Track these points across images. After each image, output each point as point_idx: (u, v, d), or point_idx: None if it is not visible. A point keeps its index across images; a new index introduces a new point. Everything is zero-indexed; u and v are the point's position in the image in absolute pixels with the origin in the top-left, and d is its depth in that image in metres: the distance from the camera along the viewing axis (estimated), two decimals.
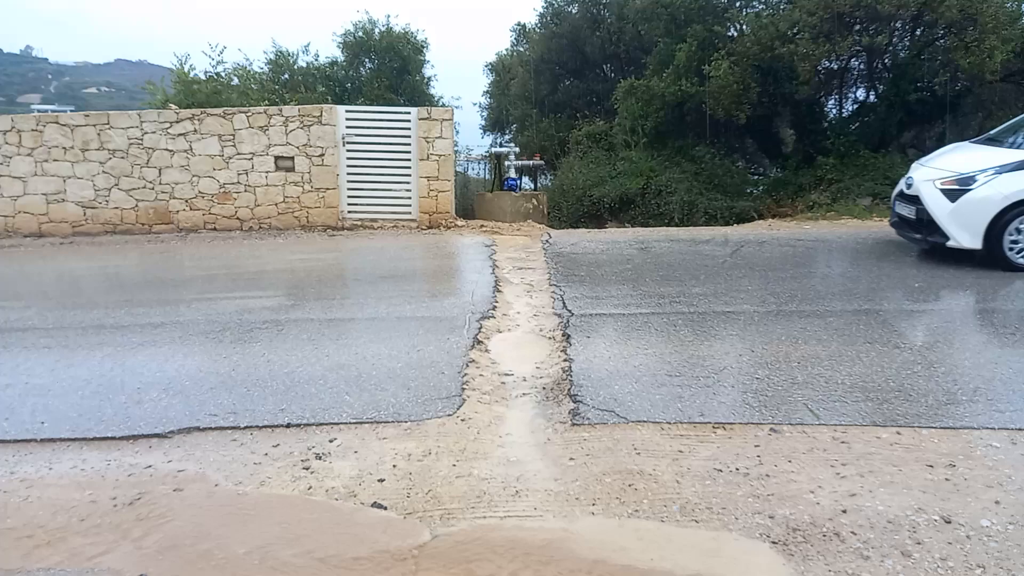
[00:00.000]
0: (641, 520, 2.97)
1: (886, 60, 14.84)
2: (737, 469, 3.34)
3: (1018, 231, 7.08)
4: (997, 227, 7.08)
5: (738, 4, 16.04)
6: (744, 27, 15.36)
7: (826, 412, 3.93)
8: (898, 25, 13.83)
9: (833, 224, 11.17)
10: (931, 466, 3.33)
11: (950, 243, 7.35)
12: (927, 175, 7.84)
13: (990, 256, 7.19)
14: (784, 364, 4.67)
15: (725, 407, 4.05)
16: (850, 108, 16.40)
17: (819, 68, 14.40)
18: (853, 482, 3.20)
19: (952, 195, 7.29)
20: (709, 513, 2.99)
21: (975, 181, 7.23)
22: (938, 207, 7.40)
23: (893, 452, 3.47)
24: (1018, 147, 7.47)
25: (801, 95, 14.35)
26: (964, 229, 7.22)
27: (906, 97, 13.77)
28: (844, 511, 2.97)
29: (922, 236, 7.71)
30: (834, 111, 16.66)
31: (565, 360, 4.89)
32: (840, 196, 12.99)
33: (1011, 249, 7.13)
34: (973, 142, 8.47)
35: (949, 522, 2.87)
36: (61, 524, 3.07)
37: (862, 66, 15.53)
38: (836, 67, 15.27)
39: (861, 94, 16.23)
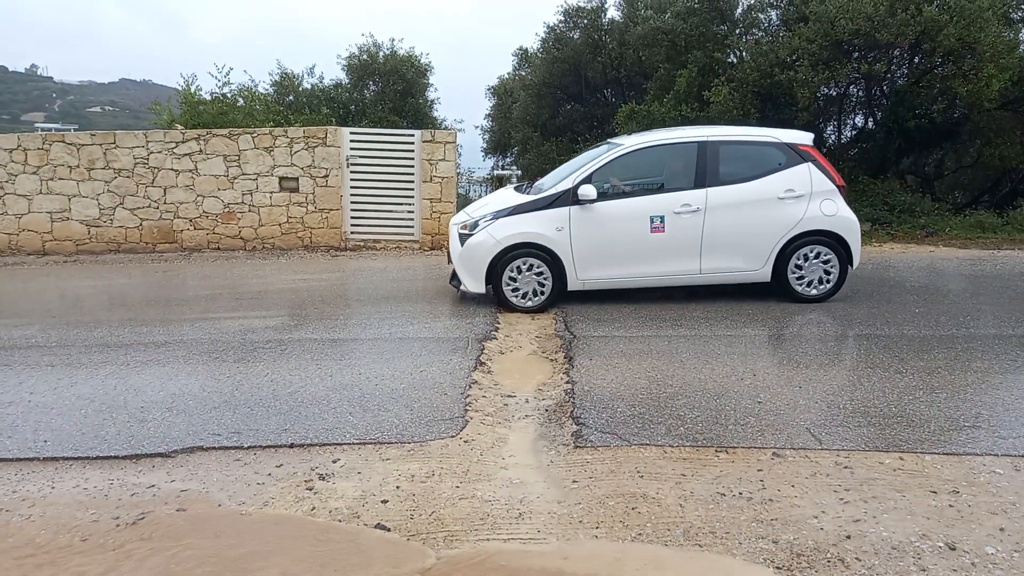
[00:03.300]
0: (644, 544, 2.96)
1: (884, 87, 15.00)
2: (740, 493, 3.34)
3: (512, 279, 7.04)
4: (495, 271, 7.05)
5: (738, 31, 16.24)
6: (744, 54, 15.54)
7: (828, 437, 3.93)
8: (896, 53, 14.00)
9: None
10: (934, 492, 3.33)
11: (462, 287, 7.29)
12: (457, 219, 7.79)
13: (497, 299, 7.17)
14: (786, 388, 4.68)
15: (728, 431, 4.05)
16: (849, 134, 16.55)
17: (818, 95, 14.55)
18: (857, 507, 3.20)
19: (463, 240, 7.21)
20: (713, 538, 2.99)
21: (477, 226, 7.16)
22: (455, 251, 7.34)
23: (896, 478, 3.47)
24: (534, 192, 7.40)
25: (800, 121, 14.45)
26: (469, 273, 7.15)
27: (904, 124, 13.91)
28: (848, 536, 2.96)
29: (452, 279, 7.58)
30: (833, 137, 16.80)
31: (567, 382, 4.90)
32: None
33: (511, 291, 7.08)
34: (514, 187, 8.33)
35: (954, 549, 2.87)
36: (63, 544, 3.06)
37: (861, 93, 15.69)
38: (835, 94, 15.43)
39: (860, 120, 16.40)
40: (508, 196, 7.70)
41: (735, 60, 15.80)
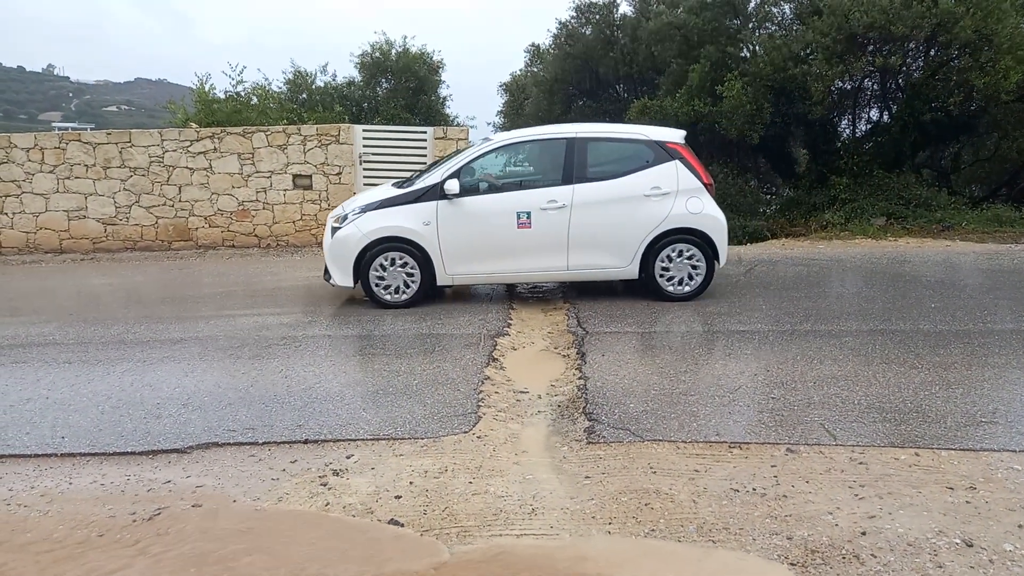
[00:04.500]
0: (658, 540, 2.96)
1: (900, 80, 14.85)
2: (754, 489, 3.32)
3: (381, 267, 7.00)
4: (363, 264, 7.00)
5: (751, 25, 16.14)
6: (757, 48, 15.44)
7: (843, 433, 3.91)
8: (912, 46, 13.86)
9: (847, 244, 11.13)
10: (951, 488, 3.30)
11: (332, 281, 7.21)
12: (333, 212, 7.69)
13: (366, 294, 7.12)
14: (800, 384, 4.66)
15: (741, 427, 4.03)
16: (864, 128, 16.41)
17: (832, 88, 14.44)
18: (872, 503, 3.18)
19: (333, 232, 7.17)
20: (726, 534, 2.98)
21: (347, 219, 7.12)
22: (326, 243, 7.31)
23: (912, 474, 3.45)
24: (406, 186, 7.30)
25: (814, 115, 14.36)
26: (337, 266, 7.10)
27: (920, 117, 13.77)
28: (863, 533, 2.94)
29: (325, 273, 7.42)
30: (848, 131, 16.68)
31: (580, 378, 4.90)
32: (854, 216, 12.98)
33: (377, 286, 7.05)
34: (393, 183, 8.19)
35: (971, 545, 2.84)
36: (80, 539, 3.09)
37: (876, 86, 15.56)
38: (849, 87, 15.31)
39: (875, 114, 16.25)
40: (384, 190, 7.64)
41: (748, 55, 15.72)
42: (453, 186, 6.82)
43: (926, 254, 9.96)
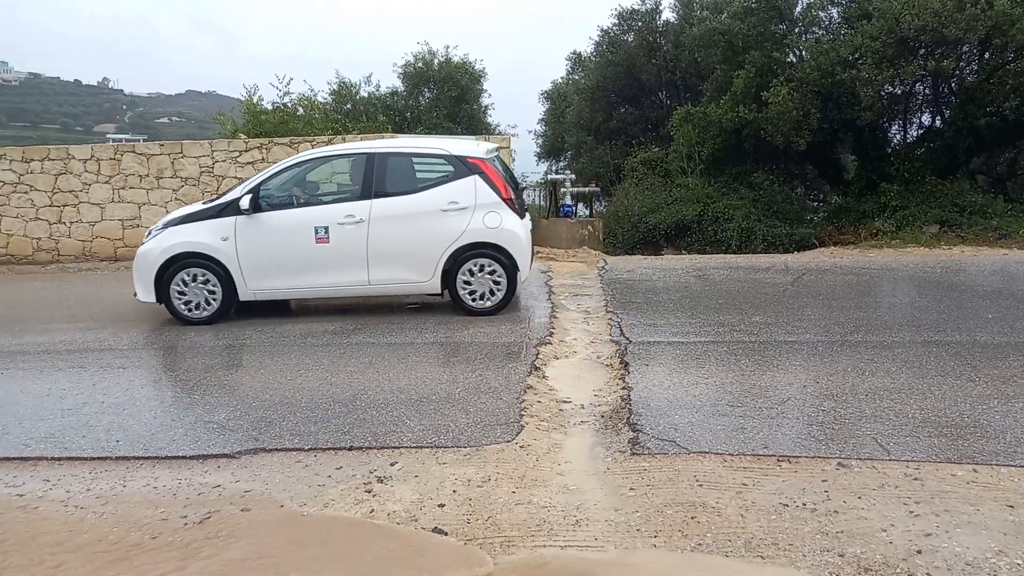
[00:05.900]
0: (705, 554, 2.91)
1: (953, 84, 14.47)
2: (804, 504, 3.25)
3: (183, 282, 6.92)
4: (164, 280, 6.94)
5: (797, 30, 15.89)
6: (804, 53, 15.19)
7: (896, 447, 3.80)
8: (965, 49, 13.49)
9: (899, 252, 10.86)
10: (1011, 507, 3.18)
11: (138, 296, 7.11)
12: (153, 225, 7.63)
13: (167, 309, 7.09)
14: (851, 396, 4.55)
15: (790, 440, 3.95)
16: (915, 133, 16.03)
17: (882, 93, 14.13)
18: (928, 521, 3.08)
19: (141, 247, 7.15)
20: (776, 549, 2.91)
21: (151, 234, 7.09)
22: (135, 259, 7.23)
23: (970, 491, 3.33)
24: (211, 202, 7.23)
25: (863, 121, 14.06)
26: (140, 282, 7.07)
27: (974, 122, 13.38)
28: (919, 551, 2.85)
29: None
30: (898, 136, 16.29)
31: (623, 388, 4.85)
32: (905, 223, 12.66)
33: (179, 301, 7.01)
34: (204, 200, 8.02)
35: None
36: (134, 541, 3.16)
37: (927, 91, 15.18)
38: (900, 92, 14.96)
39: (927, 119, 15.86)
40: (192, 206, 7.71)
41: (794, 60, 15.47)
42: (246, 202, 6.87)
43: (982, 263, 9.65)
